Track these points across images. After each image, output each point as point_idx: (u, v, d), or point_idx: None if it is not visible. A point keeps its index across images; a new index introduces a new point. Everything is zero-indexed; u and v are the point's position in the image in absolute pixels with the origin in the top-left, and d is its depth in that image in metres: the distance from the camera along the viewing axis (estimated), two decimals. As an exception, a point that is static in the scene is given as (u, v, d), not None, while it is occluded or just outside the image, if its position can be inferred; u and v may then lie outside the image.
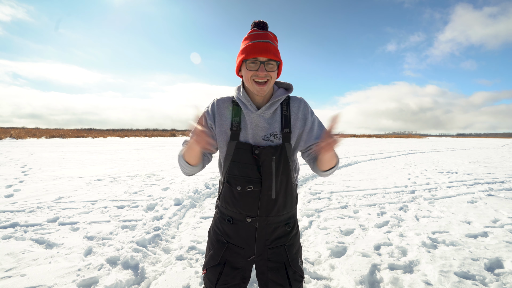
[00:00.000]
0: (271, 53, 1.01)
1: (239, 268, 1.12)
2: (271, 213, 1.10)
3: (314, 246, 2.80)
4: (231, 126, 1.11)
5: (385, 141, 34.25)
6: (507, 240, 2.90)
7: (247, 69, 1.04)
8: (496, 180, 6.49)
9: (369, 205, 4.22)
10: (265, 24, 1.07)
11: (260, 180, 1.07)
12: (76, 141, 22.16)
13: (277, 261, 1.12)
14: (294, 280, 1.13)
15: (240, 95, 1.12)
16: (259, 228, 1.11)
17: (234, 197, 1.11)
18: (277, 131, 1.11)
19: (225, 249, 1.13)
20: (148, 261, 2.41)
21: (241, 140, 1.10)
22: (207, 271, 1.15)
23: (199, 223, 3.39)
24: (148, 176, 6.44)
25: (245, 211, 1.10)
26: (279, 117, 1.12)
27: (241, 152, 1.08)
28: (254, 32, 1.05)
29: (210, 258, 1.16)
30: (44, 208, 3.77)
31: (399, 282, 2.11)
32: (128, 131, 64.69)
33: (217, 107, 1.15)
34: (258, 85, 1.04)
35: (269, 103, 1.10)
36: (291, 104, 1.15)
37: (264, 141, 1.10)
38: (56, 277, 2.07)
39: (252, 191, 1.08)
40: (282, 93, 1.13)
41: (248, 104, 1.10)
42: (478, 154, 14.41)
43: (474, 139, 58.68)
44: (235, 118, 1.12)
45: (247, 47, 1.03)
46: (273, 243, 1.13)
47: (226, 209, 1.15)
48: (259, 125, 1.11)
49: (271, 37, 1.06)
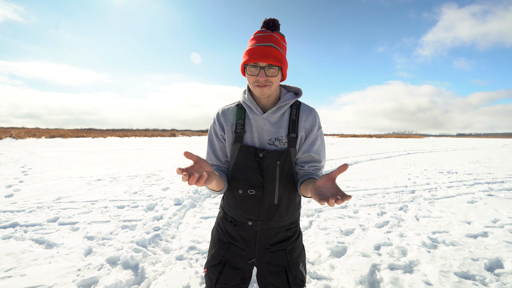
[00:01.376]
0: (271, 58, 0.99)
1: (239, 268, 1.12)
2: (273, 218, 1.09)
3: (314, 246, 2.80)
4: (235, 129, 1.10)
5: (385, 141, 34.25)
6: (507, 240, 2.90)
7: (248, 73, 1.03)
8: (496, 180, 6.49)
9: (369, 205, 4.22)
10: (275, 23, 1.03)
11: (262, 184, 1.06)
12: (76, 141, 22.15)
13: (277, 265, 1.12)
14: (294, 284, 1.12)
15: (245, 98, 1.10)
16: (260, 232, 1.10)
17: (236, 200, 1.10)
18: (283, 136, 1.08)
19: (226, 249, 1.13)
20: (148, 261, 2.41)
21: (245, 143, 1.09)
22: (208, 270, 1.15)
23: (199, 223, 3.39)
24: (148, 176, 6.44)
25: (246, 214, 1.10)
26: (286, 121, 1.10)
27: (244, 155, 1.07)
28: (259, 34, 1.03)
29: (211, 257, 1.16)
30: (44, 208, 3.77)
31: (399, 282, 2.11)
32: (128, 131, 64.66)
33: (222, 115, 1.13)
34: (260, 88, 1.02)
35: (275, 106, 1.08)
36: (301, 110, 1.12)
37: (269, 145, 1.08)
38: (56, 277, 2.07)
39: (254, 195, 1.07)
40: (290, 97, 1.11)
41: (253, 107, 1.08)
42: (478, 154, 14.41)
43: (474, 139, 58.69)
44: (239, 121, 1.10)
45: (249, 51, 1.01)
46: (273, 247, 1.12)
47: (228, 210, 1.15)
48: (264, 128, 1.09)
49: (275, 39, 1.02)
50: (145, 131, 62.30)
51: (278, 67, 1.01)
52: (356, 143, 27.84)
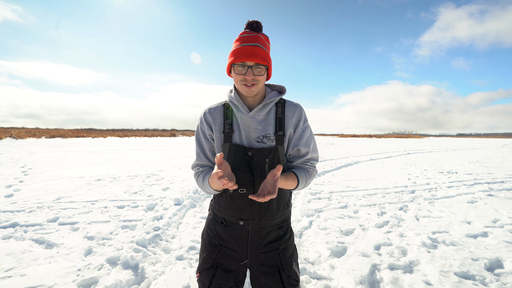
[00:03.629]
0: (258, 57, 1.01)
1: (232, 271, 1.12)
2: (264, 216, 1.10)
3: (314, 246, 2.80)
4: (223, 129, 1.11)
5: (385, 141, 34.25)
6: (507, 240, 2.90)
7: (235, 72, 1.04)
8: (496, 180, 6.49)
9: (369, 205, 4.22)
10: (259, 25, 1.06)
11: (252, 182, 1.06)
12: (76, 141, 22.15)
13: (270, 265, 1.12)
14: (289, 284, 1.12)
15: (232, 98, 1.11)
16: (251, 232, 1.10)
17: (227, 200, 1.10)
18: (271, 133, 1.10)
19: (218, 251, 1.13)
20: (148, 261, 2.41)
21: (234, 143, 1.10)
22: (200, 274, 1.14)
23: (199, 223, 3.39)
24: (148, 176, 6.44)
25: (237, 214, 1.10)
26: (273, 119, 1.12)
27: (234, 154, 1.07)
28: (244, 35, 1.05)
29: (203, 261, 1.15)
30: (44, 208, 3.77)
31: (399, 282, 2.11)
32: (128, 131, 64.67)
33: (209, 115, 1.14)
34: (247, 87, 1.04)
35: (261, 104, 1.10)
36: (287, 107, 1.14)
37: (257, 142, 1.09)
38: (56, 277, 2.07)
39: (244, 194, 1.07)
40: (274, 95, 1.13)
41: (240, 106, 1.10)
42: (478, 154, 14.40)
43: (474, 139, 58.67)
44: (227, 121, 1.11)
45: (236, 51, 1.03)
46: (266, 247, 1.12)
47: (219, 211, 1.14)
48: (252, 126, 1.10)
49: (261, 39, 1.05)
50: (145, 131, 62.31)
51: (265, 66, 1.04)
52: (356, 143, 27.84)
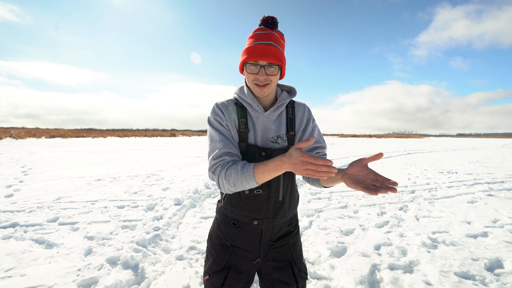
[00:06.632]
0: (272, 56, 0.98)
1: (244, 272, 1.11)
2: (278, 215, 1.10)
3: (314, 246, 2.80)
4: (239, 128, 1.07)
5: (385, 141, 34.24)
6: (507, 240, 2.90)
7: (247, 71, 1.02)
8: (496, 180, 6.49)
9: (369, 205, 4.22)
10: (274, 21, 1.02)
11: (268, 183, 1.06)
12: (76, 141, 22.15)
13: (282, 260, 1.13)
14: (300, 277, 1.14)
15: (245, 96, 1.08)
16: (265, 230, 1.11)
17: (241, 201, 1.09)
18: (283, 134, 1.10)
19: (230, 253, 1.11)
20: (148, 261, 2.41)
21: (250, 142, 1.08)
22: (210, 277, 1.12)
23: (199, 223, 3.39)
24: (148, 176, 6.44)
25: (252, 214, 1.09)
26: (284, 119, 1.12)
27: (249, 154, 1.06)
28: (258, 32, 1.02)
29: (213, 263, 1.12)
30: (44, 208, 3.77)
31: (399, 282, 2.11)
32: (128, 131, 64.67)
33: (223, 108, 1.08)
34: (259, 87, 1.02)
35: (276, 105, 1.09)
36: (296, 108, 1.15)
37: (272, 143, 1.09)
38: (56, 277, 2.07)
39: (260, 195, 1.07)
40: (286, 96, 1.13)
41: (255, 105, 1.07)
42: (478, 154, 14.40)
43: (474, 139, 58.66)
44: (242, 119, 1.07)
45: (249, 49, 1.00)
46: (277, 242, 1.14)
47: (231, 212, 1.12)
48: (267, 126, 1.09)
49: (275, 37, 1.01)
50: (145, 131, 62.35)
51: (278, 66, 1.01)
52: (356, 143, 27.84)
